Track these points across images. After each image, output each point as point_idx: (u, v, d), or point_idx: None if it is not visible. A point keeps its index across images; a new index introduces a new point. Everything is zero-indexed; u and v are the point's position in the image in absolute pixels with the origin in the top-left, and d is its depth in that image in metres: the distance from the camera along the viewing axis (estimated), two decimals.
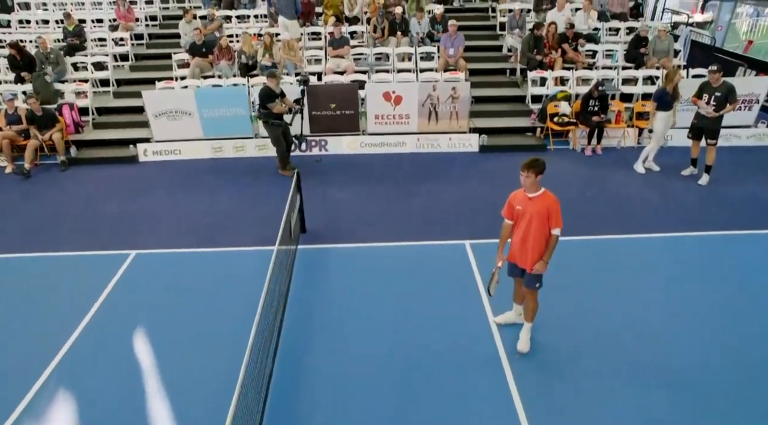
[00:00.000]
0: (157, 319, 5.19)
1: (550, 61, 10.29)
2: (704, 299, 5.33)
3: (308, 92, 8.97)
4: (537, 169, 4.10)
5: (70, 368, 4.61)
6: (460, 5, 13.36)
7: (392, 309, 5.25)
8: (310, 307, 5.33)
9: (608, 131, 9.31)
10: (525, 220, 4.29)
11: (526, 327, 4.71)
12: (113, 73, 11.14)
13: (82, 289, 5.66)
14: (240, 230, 6.81)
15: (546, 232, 4.24)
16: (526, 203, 4.26)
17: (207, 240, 6.57)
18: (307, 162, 8.95)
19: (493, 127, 9.58)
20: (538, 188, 4.22)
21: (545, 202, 4.19)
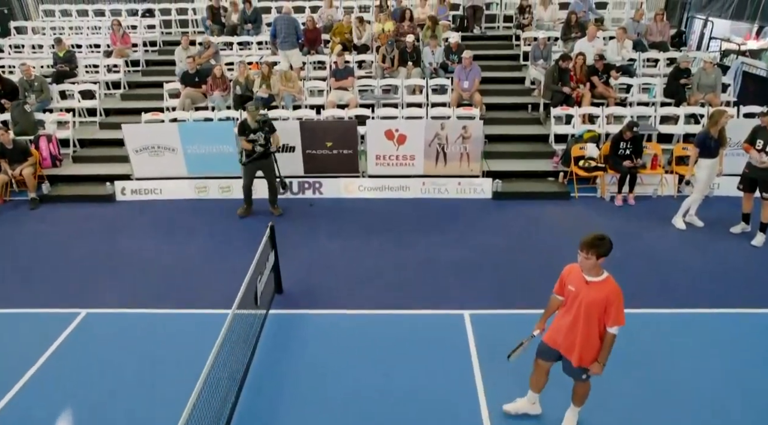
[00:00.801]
0: (90, 394, 4.65)
1: (577, 96, 9.66)
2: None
3: (302, 129, 8.53)
4: (599, 251, 3.56)
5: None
6: (480, 33, 12.90)
7: (372, 389, 4.69)
8: (277, 382, 4.77)
9: (642, 178, 8.56)
10: (577, 305, 3.74)
11: (573, 410, 4.18)
12: (102, 102, 10.99)
13: (13, 355, 5.18)
14: (209, 286, 6.27)
15: (600, 325, 3.70)
16: (582, 287, 3.71)
17: (168, 298, 6.06)
18: (298, 206, 8.45)
19: (510, 170, 8.93)
20: (599, 272, 3.68)
21: (605, 291, 3.64)
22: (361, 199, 8.63)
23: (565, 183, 8.72)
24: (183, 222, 7.96)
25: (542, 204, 8.30)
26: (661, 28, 11.56)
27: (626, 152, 8.23)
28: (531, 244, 7.17)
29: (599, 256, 3.57)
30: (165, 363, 5.08)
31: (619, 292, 3.66)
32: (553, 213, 8.08)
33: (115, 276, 6.57)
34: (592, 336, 3.75)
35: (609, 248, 3.58)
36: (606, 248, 3.57)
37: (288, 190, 8.26)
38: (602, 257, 3.58)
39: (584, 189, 8.65)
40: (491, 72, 11.35)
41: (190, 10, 13.86)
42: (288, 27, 10.44)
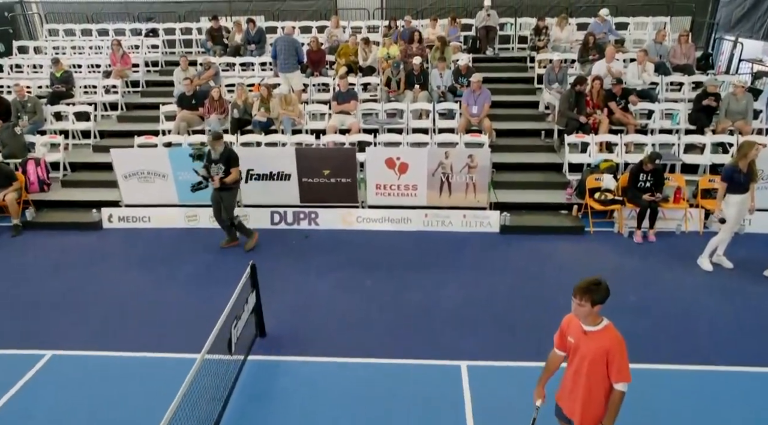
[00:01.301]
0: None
1: (594, 123, 9.28)
2: None
3: (298, 156, 8.28)
4: (594, 297, 3.26)
5: None
6: (493, 54, 12.66)
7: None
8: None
9: (664, 212, 8.11)
10: (578, 358, 3.45)
11: None
12: (99, 124, 10.94)
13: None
14: (186, 327, 5.96)
15: (605, 382, 3.35)
16: (581, 338, 3.43)
17: (140, 340, 5.76)
18: (293, 238, 8.15)
19: (520, 202, 8.55)
20: (597, 321, 3.38)
21: (604, 342, 3.31)
22: (360, 231, 8.31)
23: (579, 217, 8.30)
24: (168, 254, 7.71)
25: (554, 240, 7.89)
26: (685, 50, 11.18)
27: (646, 185, 7.81)
28: (540, 285, 6.75)
29: (594, 303, 3.27)
30: (129, 411, 4.76)
31: (621, 342, 3.32)
32: (566, 250, 7.66)
33: (88, 314, 6.30)
34: (595, 393, 3.40)
35: (606, 294, 3.29)
36: (602, 294, 3.27)
37: (236, 229, 7.76)
38: (598, 305, 3.29)
39: (600, 224, 8.21)
40: (503, 95, 11.06)
41: (194, 29, 13.89)
42: (288, 49, 10.30)
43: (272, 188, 8.50)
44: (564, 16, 12.05)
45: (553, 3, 14.27)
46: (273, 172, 8.43)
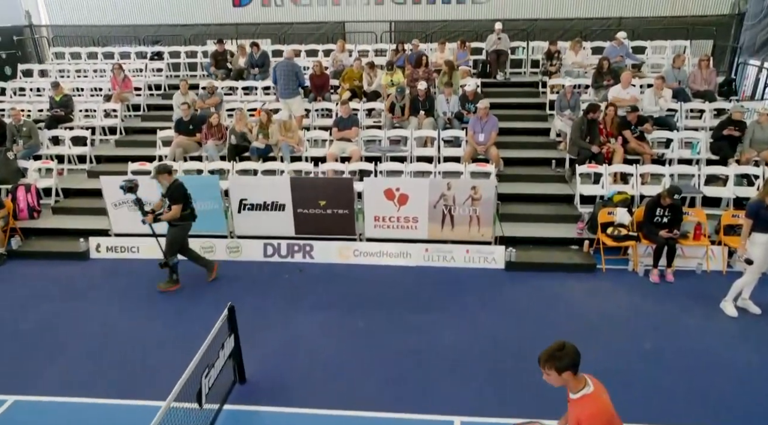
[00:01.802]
0: None
1: (607, 153, 8.88)
2: None
3: (293, 185, 8.01)
4: (557, 364, 3.03)
5: None
6: (504, 79, 12.37)
7: None
8: None
9: (684, 249, 7.64)
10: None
11: None
12: (96, 148, 10.84)
13: None
14: (163, 371, 5.61)
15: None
16: (569, 402, 3.17)
17: (110, 384, 5.45)
18: (286, 271, 7.83)
19: (527, 236, 8.14)
20: (578, 386, 3.15)
21: (578, 412, 3.03)
22: (357, 265, 7.95)
23: (590, 253, 7.86)
24: (153, 287, 7.41)
25: (563, 278, 7.44)
26: (706, 76, 10.77)
27: (663, 220, 7.37)
28: (546, 330, 6.29)
29: (560, 370, 3.06)
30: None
31: (594, 415, 3.00)
32: (576, 290, 7.21)
33: (58, 354, 6.00)
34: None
35: (572, 359, 3.05)
36: (566, 360, 3.04)
37: (167, 266, 7.31)
38: (567, 371, 3.06)
39: (613, 261, 7.75)
40: (513, 122, 10.74)
41: (199, 53, 13.87)
42: (288, 74, 10.12)
43: (266, 218, 8.22)
44: (578, 40, 11.76)
45: (567, 26, 13.99)
46: (267, 202, 8.16)
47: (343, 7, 14.97)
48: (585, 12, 14.19)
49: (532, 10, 14.28)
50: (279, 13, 15.23)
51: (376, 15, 14.73)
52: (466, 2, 14.54)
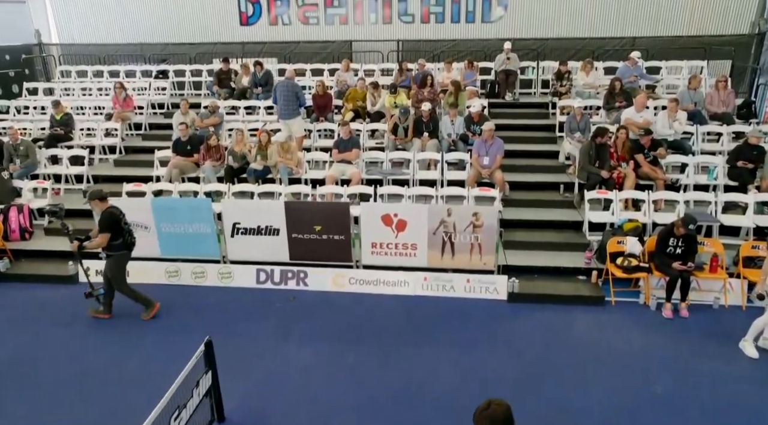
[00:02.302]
0: None
1: (618, 178, 8.54)
2: None
3: (288, 210, 7.79)
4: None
5: None
6: (513, 99, 12.12)
7: None
8: None
9: (700, 282, 7.24)
10: None
11: None
12: (94, 168, 10.75)
13: None
14: (136, 409, 5.35)
15: None
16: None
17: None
18: (278, 299, 7.57)
19: (532, 265, 7.80)
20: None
21: None
22: (351, 294, 7.67)
23: (599, 284, 7.48)
24: (137, 315, 7.18)
25: (569, 311, 7.08)
26: (724, 97, 10.41)
27: (676, 251, 6.99)
28: (548, 368, 5.95)
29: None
30: None
31: None
32: (582, 324, 6.84)
33: (28, 388, 5.76)
34: None
35: (499, 419, 2.68)
36: (492, 420, 2.68)
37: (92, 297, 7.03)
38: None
39: (623, 293, 7.37)
40: (522, 144, 10.47)
41: (204, 71, 13.84)
42: (288, 94, 9.96)
43: (260, 243, 8.00)
44: (588, 61, 11.49)
45: (578, 46, 13.74)
46: (261, 226, 7.94)
47: (351, 26, 14.91)
48: (598, 31, 13.95)
49: (543, 30, 14.08)
50: (286, 32, 15.22)
51: (384, 34, 14.64)
52: (476, 21, 14.38)
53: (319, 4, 14.90)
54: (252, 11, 15.27)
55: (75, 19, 16.01)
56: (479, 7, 14.29)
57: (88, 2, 15.78)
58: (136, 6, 15.62)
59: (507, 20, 14.28)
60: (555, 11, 14.04)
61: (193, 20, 15.53)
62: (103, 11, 15.77)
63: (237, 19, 15.38)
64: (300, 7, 15.02)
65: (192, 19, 15.52)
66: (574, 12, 13.99)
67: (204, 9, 15.38)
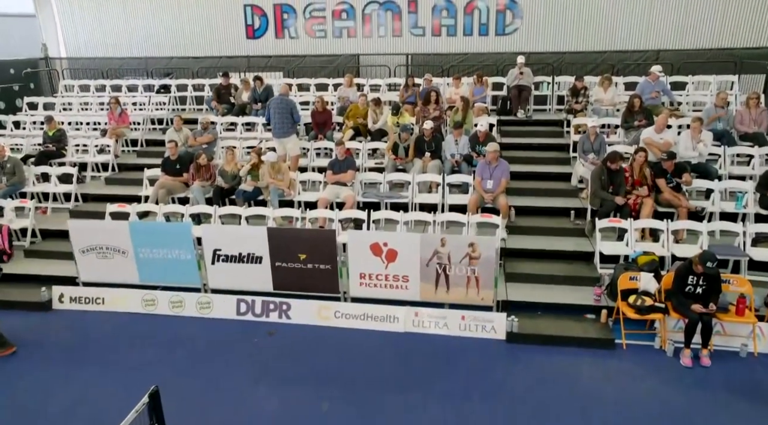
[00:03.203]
0: None
1: (635, 204, 7.90)
2: None
3: (270, 237, 7.35)
4: None
5: None
6: (525, 117, 11.55)
7: None
8: None
9: (724, 325, 6.54)
10: None
11: None
12: (84, 187, 10.55)
13: None
14: None
15: None
16: None
17: None
18: (257, 333, 7.10)
19: (536, 302, 7.19)
20: None
21: None
22: (337, 329, 7.16)
23: (609, 324, 6.83)
24: (111, 345, 6.80)
25: (574, 354, 6.45)
26: (756, 116, 9.67)
27: (696, 290, 6.32)
28: (546, 422, 5.33)
29: None
30: None
31: None
32: (588, 371, 6.20)
33: None
34: None
35: None
36: None
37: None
38: None
39: (636, 335, 6.70)
40: (532, 165, 9.91)
41: (206, 86, 13.61)
42: (282, 111, 9.60)
43: (242, 271, 7.58)
44: (606, 76, 10.85)
45: (598, 60, 13.12)
46: (242, 253, 7.52)
47: (359, 39, 14.57)
48: (618, 44, 13.32)
49: (560, 43, 13.51)
50: (293, 45, 14.95)
51: (393, 47, 14.25)
52: (489, 34, 13.89)
53: (327, 17, 14.60)
54: (259, 24, 15.06)
55: (81, 32, 16.01)
56: (493, 19, 13.78)
57: (93, 16, 15.78)
58: (144, 19, 15.56)
59: (522, 33, 13.76)
60: (573, 23, 13.47)
61: (199, 34, 15.40)
62: (109, 25, 15.75)
63: (243, 32, 15.17)
64: (307, 19, 14.74)
65: (199, 33, 15.39)
66: (593, 24, 13.40)
67: (210, 22, 15.23)
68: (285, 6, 14.72)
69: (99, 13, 15.72)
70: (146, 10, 15.48)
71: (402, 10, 14.19)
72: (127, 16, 15.61)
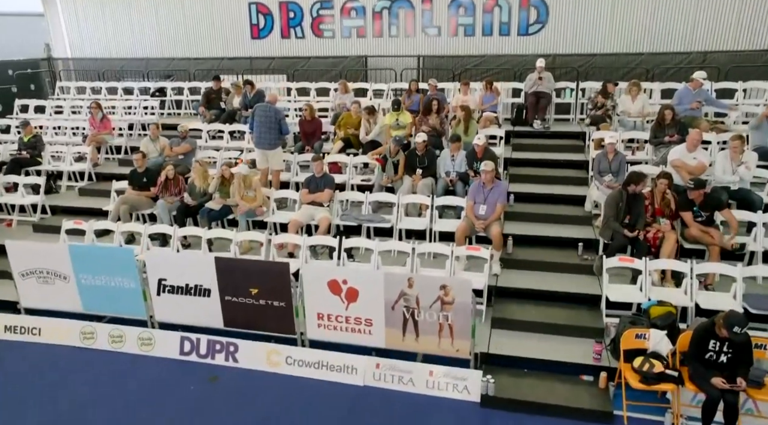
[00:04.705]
0: None
1: (654, 239, 6.77)
2: None
3: (219, 268, 6.60)
4: None
5: None
6: (542, 128, 10.45)
7: None
8: None
9: (758, 404, 5.37)
10: None
11: None
12: (55, 198, 10.12)
13: None
14: None
15: None
16: None
17: None
18: (195, 380, 6.36)
19: (524, 357, 6.15)
20: None
21: None
22: (288, 378, 6.34)
23: (609, 390, 5.74)
24: (38, 389, 6.21)
25: None
26: None
27: (720, 358, 5.18)
28: None
29: None
30: None
31: None
32: None
33: None
34: None
35: None
36: None
37: None
38: None
39: (642, 408, 5.58)
40: (543, 185, 8.89)
41: (202, 89, 13.07)
42: (268, 121, 8.86)
43: (190, 304, 6.85)
44: (635, 82, 9.64)
45: (633, 63, 11.86)
46: (189, 284, 6.80)
47: (369, 39, 13.75)
48: (658, 45, 11.99)
49: (590, 44, 12.30)
50: (299, 46, 14.27)
51: (405, 49, 13.36)
52: (511, 34, 12.81)
53: (335, 15, 13.85)
54: (264, 23, 14.45)
55: (85, 32, 15.81)
56: (515, 17, 12.69)
57: (97, 14, 15.53)
58: (147, 18, 15.20)
59: (547, 32, 12.60)
60: (606, 21, 12.20)
61: (204, 34, 14.92)
62: (112, 23, 15.47)
63: (248, 32, 14.59)
64: (314, 18, 14.03)
65: (203, 33, 14.92)
66: (629, 21, 12.08)
67: (214, 22, 14.71)
68: (291, 4, 14.05)
69: (103, 11, 15.45)
70: (149, 9, 15.11)
71: (416, 7, 13.28)
72: (131, 14, 15.28)
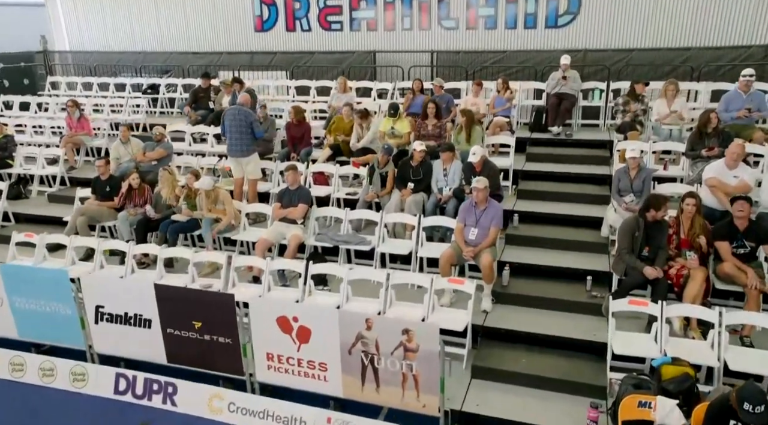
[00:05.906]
0: None
1: (678, 276, 5.90)
2: None
3: (159, 297, 6.08)
4: None
5: None
6: (564, 135, 9.60)
7: None
8: None
9: None
10: None
11: None
12: (19, 204, 9.89)
13: None
14: None
15: None
16: None
17: None
18: (125, 423, 5.86)
19: (507, 419, 5.38)
20: None
21: None
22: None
23: None
24: None
25: None
26: None
27: None
28: None
29: None
30: None
31: None
32: None
33: None
34: None
35: None
36: None
37: None
38: None
39: None
40: (556, 204, 8.10)
41: (197, 86, 12.71)
42: (239, 125, 8.36)
43: (130, 336, 6.35)
44: (672, 81, 8.67)
45: (678, 59, 10.82)
46: (129, 314, 6.30)
47: (380, 32, 13.11)
48: (710, 38, 10.88)
49: (628, 38, 11.29)
50: (305, 39, 13.78)
51: (418, 44, 12.68)
52: (538, 27, 11.95)
53: (343, 5, 13.27)
54: (268, 15, 14.01)
55: (84, 24, 15.73)
56: (543, 7, 11.83)
57: (96, 6, 15.43)
58: (146, 9, 14.99)
59: (579, 24, 11.68)
60: (648, 10, 11.11)
61: (205, 26, 14.62)
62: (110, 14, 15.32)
63: (252, 24, 14.18)
64: (322, 9, 13.49)
65: (204, 26, 14.61)
66: (675, 10, 10.99)
67: (216, 13, 14.36)
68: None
69: (102, 2, 15.33)
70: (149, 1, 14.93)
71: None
72: (130, 4, 15.10)
